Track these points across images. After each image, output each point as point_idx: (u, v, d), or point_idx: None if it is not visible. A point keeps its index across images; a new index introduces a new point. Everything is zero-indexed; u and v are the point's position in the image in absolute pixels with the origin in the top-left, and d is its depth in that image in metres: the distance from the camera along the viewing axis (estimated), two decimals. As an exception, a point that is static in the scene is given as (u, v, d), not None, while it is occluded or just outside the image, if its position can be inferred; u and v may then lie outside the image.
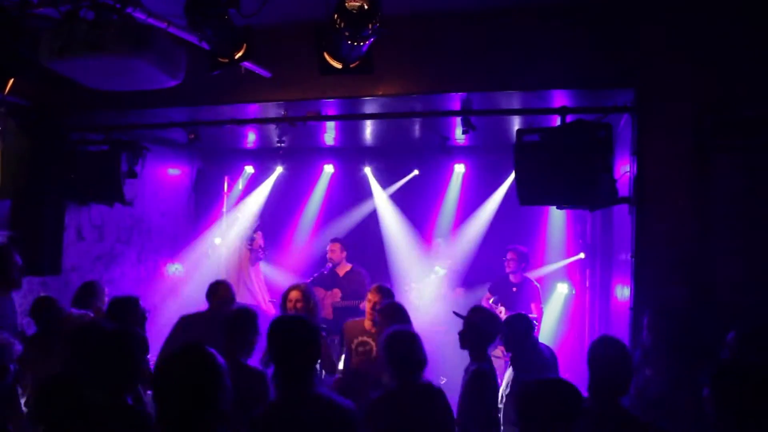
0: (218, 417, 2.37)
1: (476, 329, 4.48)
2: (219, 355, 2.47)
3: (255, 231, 8.60)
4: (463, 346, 4.52)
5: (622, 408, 3.40)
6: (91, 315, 4.78)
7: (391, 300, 5.28)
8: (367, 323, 5.38)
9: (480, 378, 4.24)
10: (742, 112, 4.70)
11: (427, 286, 8.37)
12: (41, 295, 5.47)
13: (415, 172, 9.03)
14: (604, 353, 3.52)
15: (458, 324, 4.69)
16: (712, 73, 4.80)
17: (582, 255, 8.22)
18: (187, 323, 5.48)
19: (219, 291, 5.64)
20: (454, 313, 4.91)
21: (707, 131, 4.78)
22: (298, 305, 5.21)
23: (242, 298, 8.24)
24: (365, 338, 5.29)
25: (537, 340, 5.07)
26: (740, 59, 4.73)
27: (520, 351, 4.72)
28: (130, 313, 4.72)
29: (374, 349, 5.20)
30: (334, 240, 8.14)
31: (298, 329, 3.16)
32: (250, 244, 8.43)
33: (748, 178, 4.66)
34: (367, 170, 9.24)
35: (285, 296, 5.35)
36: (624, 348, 3.58)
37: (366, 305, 5.49)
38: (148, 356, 4.43)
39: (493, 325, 4.55)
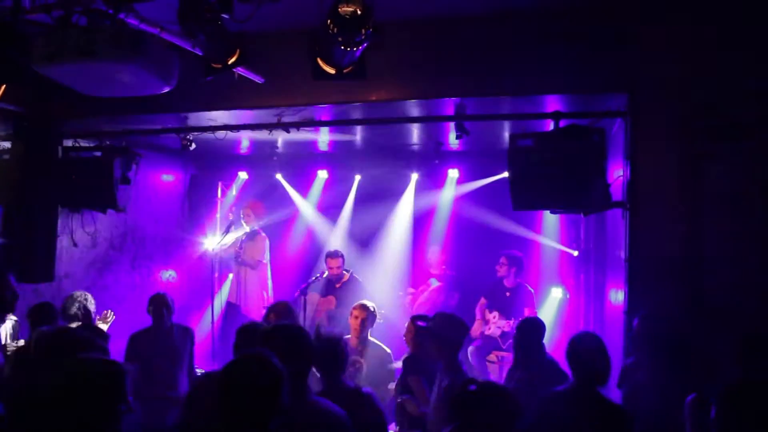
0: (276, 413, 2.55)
1: (437, 338, 4.41)
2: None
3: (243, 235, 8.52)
4: (436, 357, 4.45)
5: (600, 393, 3.63)
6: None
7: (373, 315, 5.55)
8: (353, 341, 5.39)
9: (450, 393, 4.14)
10: (733, 116, 4.71)
11: (423, 293, 8.37)
12: (41, 302, 5.50)
13: (415, 177, 9.00)
14: (583, 347, 3.74)
15: None
16: (704, 77, 4.82)
17: (575, 252, 8.25)
18: (134, 340, 5.90)
19: (155, 304, 5.91)
20: (418, 325, 4.83)
21: (699, 136, 4.80)
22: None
23: (243, 300, 8.28)
24: (354, 357, 5.24)
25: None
26: (731, 64, 4.75)
27: (524, 355, 4.72)
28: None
29: (364, 366, 5.19)
30: (335, 255, 8.03)
31: (296, 336, 3.22)
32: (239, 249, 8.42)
33: (740, 183, 4.67)
34: (357, 178, 9.23)
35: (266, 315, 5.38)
36: (601, 342, 3.78)
37: (352, 321, 5.52)
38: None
39: (455, 331, 4.45)
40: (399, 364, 5.01)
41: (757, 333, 3.87)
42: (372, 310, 5.63)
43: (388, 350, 5.57)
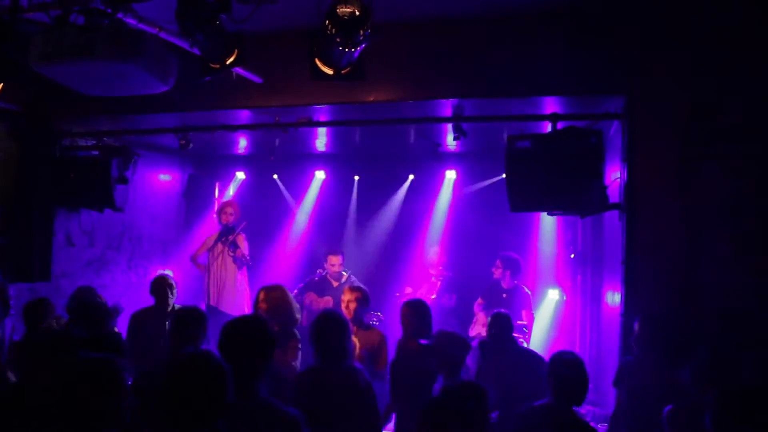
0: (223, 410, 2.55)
1: (440, 355, 4.48)
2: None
3: (236, 236, 8.41)
4: (438, 371, 4.50)
5: (575, 413, 3.66)
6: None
7: (365, 295, 5.54)
8: None
9: None
10: (731, 118, 4.72)
11: (422, 293, 8.36)
12: (36, 298, 5.49)
13: (411, 177, 9.00)
14: (562, 366, 3.74)
15: None
16: (700, 80, 4.83)
17: (572, 255, 8.27)
18: (138, 319, 5.89)
19: (158, 284, 5.97)
20: (420, 342, 4.89)
21: (695, 138, 4.81)
22: (262, 306, 5.24)
23: (228, 302, 8.20)
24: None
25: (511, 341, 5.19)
26: (727, 67, 4.76)
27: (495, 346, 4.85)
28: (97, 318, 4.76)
29: (357, 347, 5.21)
30: (336, 252, 8.02)
31: (250, 331, 3.17)
32: (233, 251, 8.30)
33: (736, 185, 4.68)
34: (356, 179, 9.22)
35: (256, 298, 5.38)
36: (581, 362, 3.77)
37: (344, 310, 5.52)
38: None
39: (457, 349, 4.50)
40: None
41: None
42: (363, 290, 5.62)
43: (382, 333, 5.59)
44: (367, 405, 3.90)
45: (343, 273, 7.97)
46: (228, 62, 4.28)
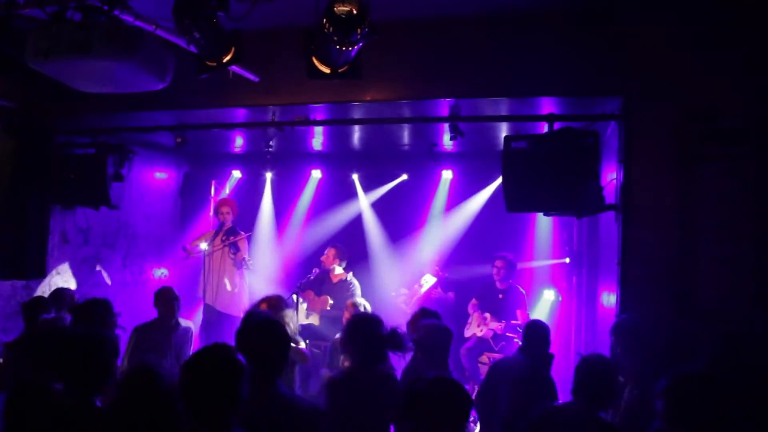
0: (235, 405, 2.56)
1: (424, 346, 4.46)
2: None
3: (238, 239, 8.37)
4: (424, 363, 4.42)
5: (599, 416, 3.58)
6: (67, 318, 4.81)
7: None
8: None
9: None
10: (728, 120, 4.73)
11: (417, 292, 8.36)
12: (36, 296, 5.49)
13: (404, 176, 9.01)
14: (590, 366, 3.69)
15: None
16: (698, 82, 4.84)
17: (567, 259, 8.27)
18: (141, 333, 5.90)
19: (164, 297, 5.97)
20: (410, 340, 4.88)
21: (693, 140, 4.82)
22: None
23: (224, 302, 8.19)
24: None
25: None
26: (725, 69, 4.77)
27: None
28: (99, 316, 4.74)
29: None
30: (331, 245, 8.08)
31: (269, 329, 3.23)
32: (233, 253, 8.26)
33: (733, 187, 4.69)
34: (355, 177, 9.22)
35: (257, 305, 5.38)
36: (609, 366, 3.73)
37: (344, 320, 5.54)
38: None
39: (440, 338, 4.50)
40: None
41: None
42: (364, 308, 5.65)
43: None
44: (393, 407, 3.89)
45: (341, 271, 7.99)
46: (225, 60, 4.26)
